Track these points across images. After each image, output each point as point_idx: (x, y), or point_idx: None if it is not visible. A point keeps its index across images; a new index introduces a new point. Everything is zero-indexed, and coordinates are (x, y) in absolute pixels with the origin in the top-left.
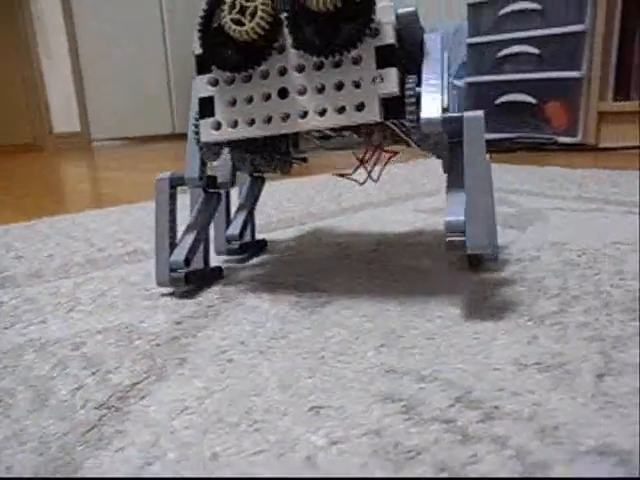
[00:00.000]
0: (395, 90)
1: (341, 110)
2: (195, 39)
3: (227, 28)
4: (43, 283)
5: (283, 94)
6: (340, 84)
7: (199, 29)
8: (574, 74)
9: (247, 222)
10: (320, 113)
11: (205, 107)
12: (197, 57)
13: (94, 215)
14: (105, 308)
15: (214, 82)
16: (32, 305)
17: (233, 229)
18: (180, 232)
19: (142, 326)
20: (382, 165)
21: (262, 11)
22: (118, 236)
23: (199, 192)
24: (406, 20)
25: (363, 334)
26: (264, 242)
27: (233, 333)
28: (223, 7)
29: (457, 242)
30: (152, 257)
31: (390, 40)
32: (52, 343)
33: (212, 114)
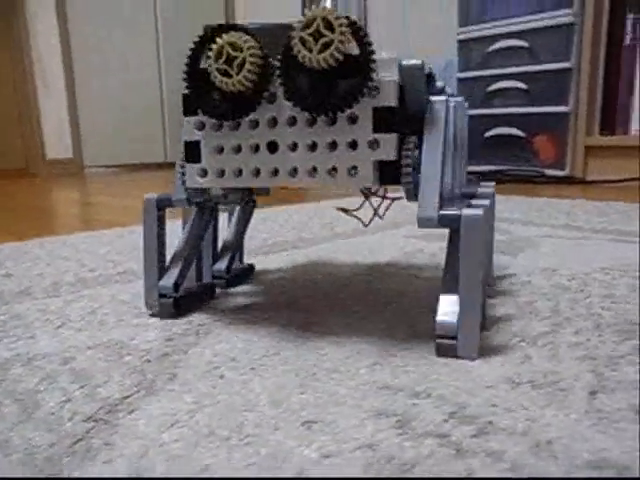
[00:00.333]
0: (392, 157)
1: (333, 172)
2: (182, 78)
3: (212, 77)
4: (32, 300)
5: (272, 148)
6: (333, 144)
7: (185, 70)
8: (561, 109)
9: (234, 255)
10: (310, 173)
11: (191, 151)
12: (183, 97)
13: (85, 237)
14: (95, 325)
15: (201, 126)
16: (20, 321)
17: (220, 264)
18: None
19: (132, 343)
20: (388, 203)
21: (250, 63)
22: (109, 257)
23: (192, 210)
24: (410, 73)
25: (355, 353)
26: (251, 268)
27: (224, 350)
28: (210, 51)
29: (448, 345)
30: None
31: (391, 102)
32: (40, 358)
33: (198, 159)
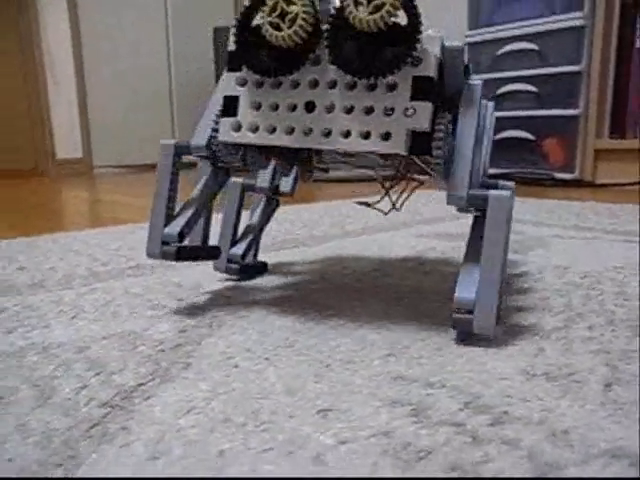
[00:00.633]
0: (426, 126)
1: (366, 136)
2: (231, 34)
3: (264, 31)
4: (46, 292)
5: (310, 107)
6: (370, 109)
7: (236, 25)
8: (571, 112)
9: (252, 244)
10: (344, 135)
11: (228, 106)
12: (230, 53)
13: (96, 233)
14: (108, 316)
15: (242, 82)
16: (34, 312)
17: (237, 249)
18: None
19: (146, 334)
20: (407, 193)
21: (303, 19)
22: (121, 252)
23: (207, 169)
24: (451, 54)
25: (369, 344)
26: (265, 265)
27: (238, 341)
28: (264, 7)
29: (464, 320)
30: (156, 272)
31: (431, 72)
32: (55, 346)
33: (234, 114)
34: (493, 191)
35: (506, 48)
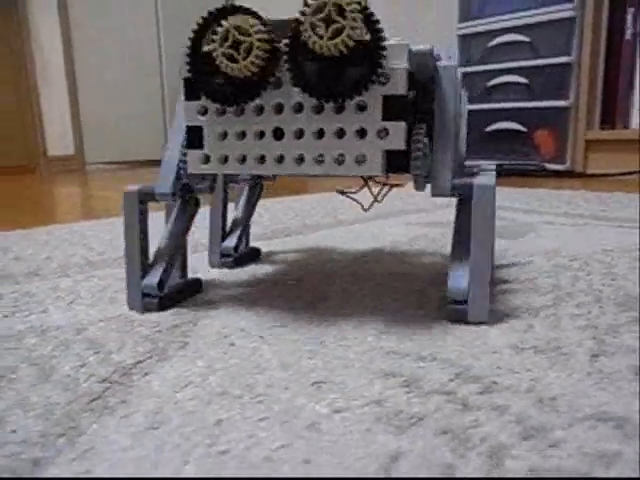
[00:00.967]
0: (401, 147)
1: (340, 161)
2: (184, 62)
3: (218, 62)
4: (42, 280)
5: (278, 134)
6: (341, 131)
7: (188, 52)
8: (562, 103)
9: (242, 235)
10: (318, 162)
11: (193, 136)
12: (185, 81)
13: (91, 225)
14: (105, 301)
15: (203, 111)
16: (32, 298)
17: (229, 242)
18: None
19: (143, 317)
20: (387, 189)
21: (258, 48)
22: (116, 242)
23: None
24: (420, 60)
25: (362, 323)
26: (258, 251)
27: (233, 322)
28: (215, 32)
29: (459, 310)
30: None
31: (401, 90)
32: (53, 329)
33: (200, 145)
34: (477, 179)
35: (497, 40)
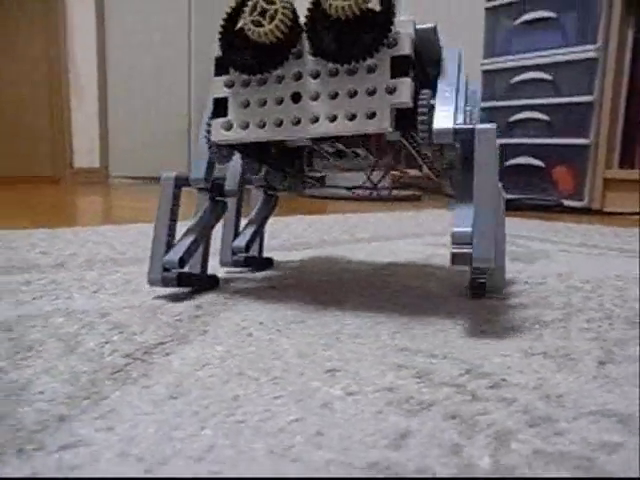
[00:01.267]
0: (407, 101)
1: (352, 117)
2: (216, 41)
3: (246, 29)
4: (68, 272)
5: (296, 99)
6: (353, 92)
7: (220, 31)
8: (582, 141)
9: (255, 236)
10: (331, 119)
11: (219, 108)
12: (216, 59)
13: (113, 228)
14: (129, 292)
15: (230, 84)
16: (58, 286)
17: (240, 241)
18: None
19: (165, 307)
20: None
21: (282, 14)
22: (139, 244)
23: (205, 201)
24: (425, 35)
25: (377, 324)
26: (270, 260)
27: (252, 316)
28: (245, 9)
29: (463, 254)
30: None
31: (407, 51)
32: (79, 312)
33: (225, 115)
34: (480, 124)
35: (520, 77)
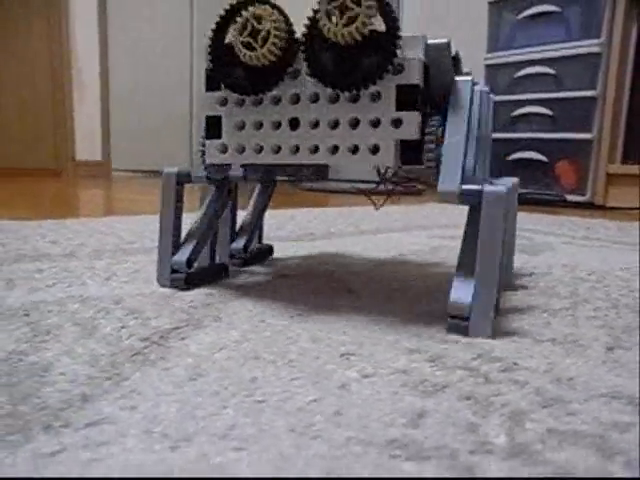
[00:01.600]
0: (415, 136)
1: (354, 150)
2: (205, 53)
3: (237, 51)
4: (78, 261)
5: (294, 124)
6: (355, 121)
7: (209, 44)
8: (585, 136)
9: (252, 235)
10: (331, 151)
11: (212, 126)
12: (207, 72)
13: (121, 219)
14: (140, 281)
15: (223, 102)
16: (70, 273)
17: (238, 243)
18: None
19: (177, 294)
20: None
21: (275, 36)
22: (146, 234)
23: (209, 188)
24: (436, 53)
25: (388, 311)
26: (270, 249)
27: (264, 303)
28: (234, 25)
29: (459, 326)
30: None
31: (415, 80)
32: (93, 299)
33: (219, 135)
34: (488, 186)
35: (523, 71)
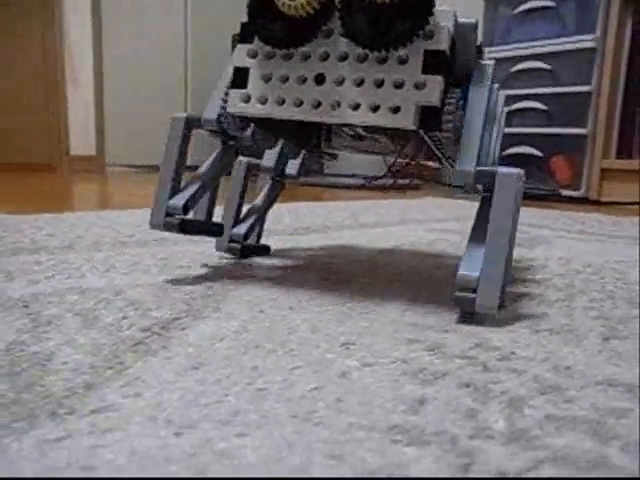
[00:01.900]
0: (436, 101)
1: (375, 109)
2: (245, 5)
3: (276, 0)
4: (77, 253)
5: (319, 80)
6: (380, 82)
7: None
8: (579, 131)
9: (255, 225)
10: (353, 107)
11: (238, 77)
12: (242, 25)
13: (118, 212)
14: (139, 272)
15: (253, 54)
16: (69, 265)
17: (239, 229)
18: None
19: (176, 285)
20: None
21: None
22: (144, 227)
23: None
24: (465, 30)
25: (386, 301)
26: (267, 249)
27: (263, 294)
28: None
29: (466, 298)
30: (179, 244)
31: (443, 46)
32: (93, 290)
33: (244, 86)
34: (502, 168)
35: (519, 66)
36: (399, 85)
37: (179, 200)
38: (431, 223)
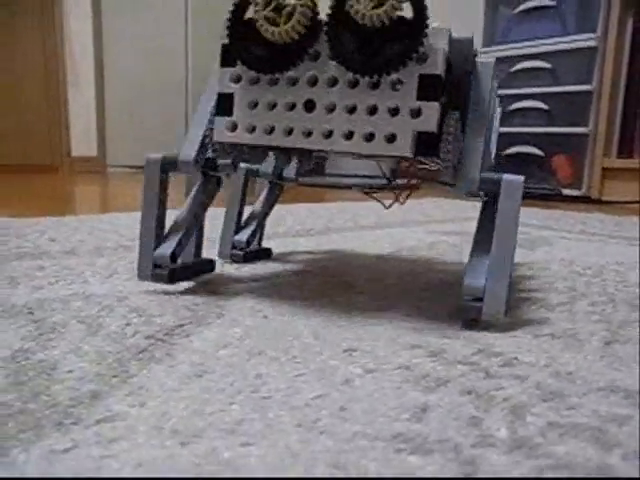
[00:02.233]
0: (433, 128)
1: (370, 138)
2: (224, 27)
3: (259, 26)
4: (79, 258)
5: (309, 107)
6: (373, 108)
7: (229, 17)
8: (580, 130)
9: (256, 230)
10: (346, 137)
11: (223, 104)
12: (223, 47)
13: (120, 215)
14: None
15: (237, 78)
16: (72, 271)
17: (241, 236)
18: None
19: (179, 292)
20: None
21: (300, 13)
22: None
23: (197, 179)
24: (460, 47)
25: (388, 307)
26: (268, 251)
27: (265, 300)
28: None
29: (473, 307)
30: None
31: (437, 70)
32: (97, 296)
33: (230, 113)
34: (506, 175)
35: (519, 66)
36: (394, 112)
37: (166, 249)
38: (430, 224)
